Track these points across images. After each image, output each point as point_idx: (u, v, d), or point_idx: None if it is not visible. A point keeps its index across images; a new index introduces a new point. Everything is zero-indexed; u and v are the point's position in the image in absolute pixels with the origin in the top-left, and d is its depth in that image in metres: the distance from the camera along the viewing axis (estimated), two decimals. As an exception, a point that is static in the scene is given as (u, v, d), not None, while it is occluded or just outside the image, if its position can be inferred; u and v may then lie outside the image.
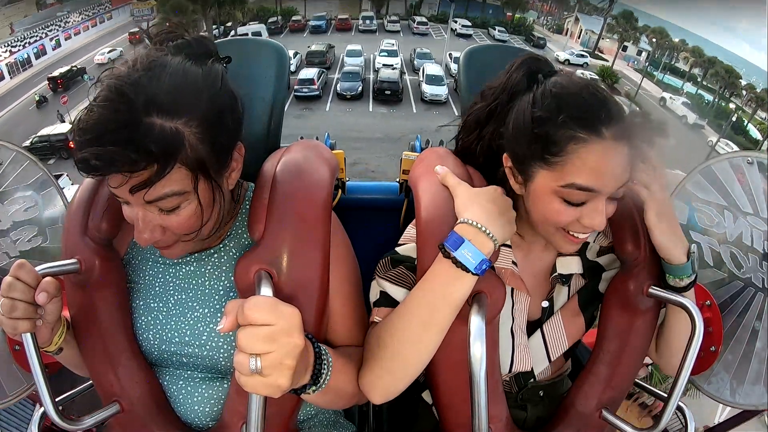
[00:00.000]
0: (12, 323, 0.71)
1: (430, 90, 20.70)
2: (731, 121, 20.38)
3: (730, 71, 21.94)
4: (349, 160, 1.34)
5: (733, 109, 21.21)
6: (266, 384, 0.61)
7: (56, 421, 0.80)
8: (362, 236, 1.07)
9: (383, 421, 1.27)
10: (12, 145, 1.08)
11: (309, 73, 20.95)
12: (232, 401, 0.84)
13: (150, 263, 0.90)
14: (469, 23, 31.74)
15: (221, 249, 0.89)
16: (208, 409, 0.88)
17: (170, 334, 0.88)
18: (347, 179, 1.37)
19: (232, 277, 0.83)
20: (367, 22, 30.80)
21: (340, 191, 1.35)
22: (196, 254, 0.89)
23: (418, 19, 32.05)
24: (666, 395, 0.85)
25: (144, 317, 0.88)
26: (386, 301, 0.89)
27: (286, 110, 1.18)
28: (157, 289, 0.89)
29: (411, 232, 0.92)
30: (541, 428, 0.98)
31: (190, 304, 0.88)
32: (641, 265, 0.88)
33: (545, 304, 0.96)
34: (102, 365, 0.85)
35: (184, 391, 0.89)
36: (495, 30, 31.28)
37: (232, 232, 0.90)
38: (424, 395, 1.09)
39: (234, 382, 0.84)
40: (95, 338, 0.85)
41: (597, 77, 23.38)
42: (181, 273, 0.89)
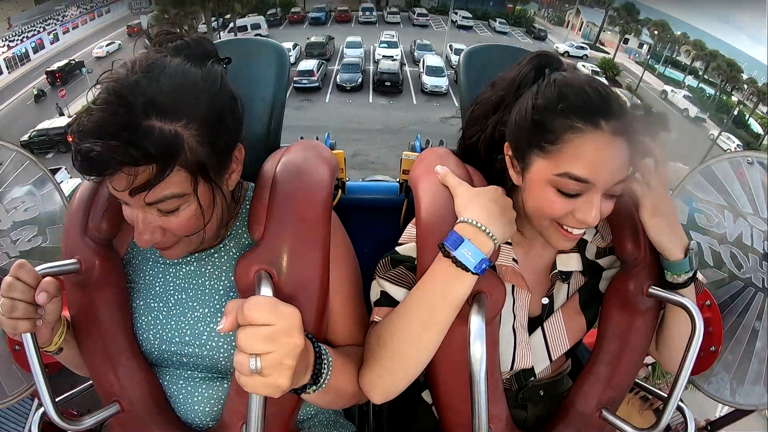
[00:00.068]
0: (12, 323, 0.71)
1: (430, 81, 20.60)
2: (733, 115, 20.30)
3: (731, 65, 21.83)
4: (349, 152, 1.34)
5: (735, 102, 21.11)
6: (266, 384, 0.61)
7: (56, 421, 0.80)
8: (362, 236, 1.07)
9: (383, 420, 1.27)
10: (12, 145, 1.08)
11: (308, 64, 20.80)
12: (232, 401, 0.84)
13: (150, 263, 0.90)
14: (470, 15, 31.54)
15: (221, 249, 0.89)
16: (208, 409, 0.89)
17: (170, 333, 0.88)
18: (347, 178, 1.37)
19: (233, 277, 0.83)
20: (367, 13, 30.60)
21: (340, 191, 1.34)
22: (196, 254, 0.89)
23: (418, 10, 31.82)
24: (666, 395, 0.85)
25: (144, 317, 0.88)
26: (386, 300, 0.89)
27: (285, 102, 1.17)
28: (158, 288, 0.89)
29: (411, 231, 0.92)
30: (541, 428, 0.98)
31: (190, 303, 0.88)
32: (641, 265, 0.88)
33: (545, 301, 0.96)
34: (102, 365, 0.86)
35: (184, 391, 0.89)
36: (496, 22, 31.08)
37: (232, 232, 0.90)
38: (424, 395, 1.09)
39: (234, 382, 0.85)
40: (95, 338, 0.85)
41: (598, 69, 23.28)
42: (181, 273, 0.89)
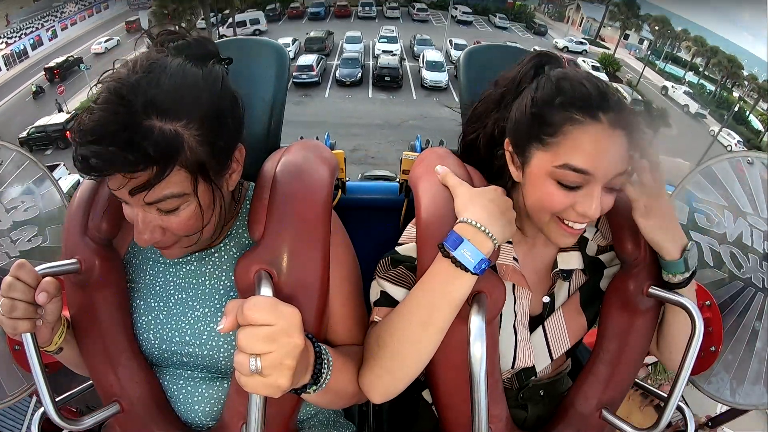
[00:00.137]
0: (12, 323, 0.72)
1: (430, 76, 20.41)
2: (733, 112, 20.23)
3: (732, 60, 21.70)
4: (348, 147, 1.34)
5: (736, 98, 21.02)
6: (266, 384, 0.62)
7: (56, 421, 0.80)
8: (362, 236, 1.07)
9: (383, 420, 1.27)
10: (12, 145, 1.08)
11: (308, 59, 20.59)
12: (232, 401, 0.84)
13: (150, 263, 0.90)
14: (470, 10, 31.10)
15: (221, 248, 0.89)
16: (208, 409, 0.89)
17: (170, 333, 0.88)
18: (347, 178, 1.37)
19: (233, 277, 0.83)
20: (367, 8, 30.15)
21: (340, 191, 1.34)
22: (196, 254, 0.89)
23: (418, 5, 31.37)
24: (667, 393, 0.86)
25: (144, 317, 0.88)
26: (386, 300, 0.89)
27: (284, 96, 1.16)
28: (158, 288, 0.89)
29: (411, 231, 0.92)
30: (541, 428, 0.98)
31: (190, 303, 0.88)
32: (641, 265, 0.88)
33: (546, 299, 0.96)
34: (102, 365, 0.86)
35: (184, 391, 0.89)
36: (496, 17, 30.68)
37: (233, 231, 0.90)
38: (425, 394, 1.09)
39: (234, 382, 0.85)
40: (95, 338, 0.85)
41: (598, 65, 23.19)
42: (181, 272, 0.89)
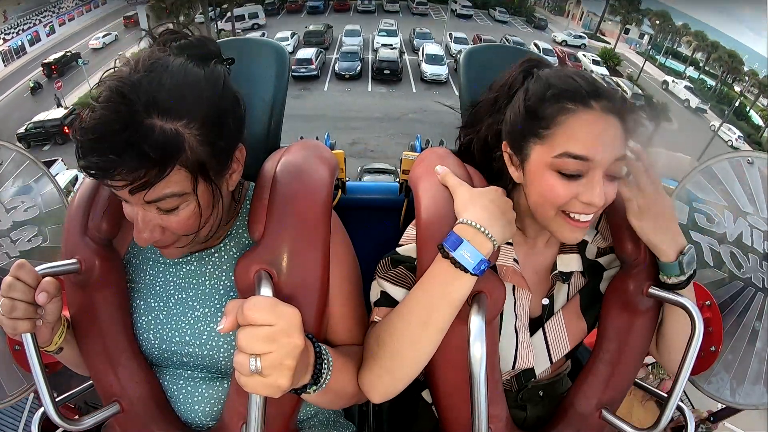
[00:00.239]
0: (12, 323, 0.71)
1: (430, 70, 20.23)
2: (734, 107, 20.12)
3: (733, 56, 21.46)
4: (348, 140, 1.33)
5: (738, 92, 20.89)
6: (266, 384, 0.61)
7: (56, 421, 0.80)
8: (362, 236, 1.07)
9: (383, 420, 1.27)
10: (12, 145, 1.09)
11: (307, 52, 20.41)
12: (232, 401, 0.84)
13: (150, 263, 0.90)
14: (470, 3, 30.35)
15: (221, 248, 0.89)
16: (208, 409, 0.88)
17: (170, 333, 0.88)
18: (347, 178, 1.37)
19: (233, 277, 0.83)
20: (366, 2, 29.42)
21: (340, 191, 1.34)
22: (196, 254, 0.89)
23: (417, -1, 31.37)
24: (667, 393, 0.85)
25: (144, 317, 0.88)
26: (386, 301, 0.89)
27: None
28: (158, 288, 0.89)
29: (411, 232, 0.92)
30: (540, 428, 0.98)
31: (190, 303, 0.88)
32: (641, 265, 0.88)
33: (545, 301, 0.96)
34: (102, 365, 0.86)
35: (184, 391, 0.89)
36: (495, 11, 29.92)
37: (233, 231, 0.90)
38: (424, 394, 1.09)
39: (234, 382, 0.84)
40: (95, 338, 0.85)
41: (599, 59, 23.20)
42: (181, 272, 0.89)
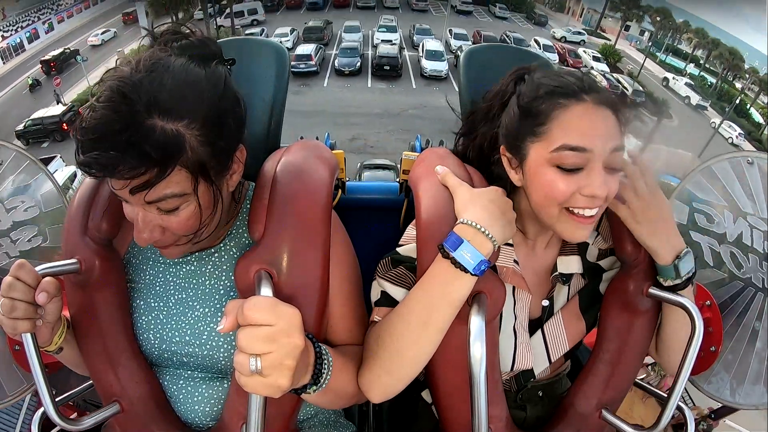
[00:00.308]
0: (12, 323, 0.71)
1: (430, 65, 20.08)
2: (735, 104, 20.06)
3: (734, 53, 21.31)
4: (347, 136, 1.33)
5: (738, 89, 20.80)
6: (266, 384, 0.61)
7: (56, 421, 0.80)
8: (362, 236, 1.07)
9: (383, 420, 1.27)
10: (12, 145, 1.09)
11: (306, 48, 20.26)
12: (232, 401, 0.84)
13: (150, 263, 0.90)
14: None
15: (221, 248, 0.89)
16: (208, 409, 0.88)
17: (170, 333, 0.88)
18: (347, 178, 1.37)
19: (233, 277, 0.83)
20: None
21: (340, 191, 1.34)
22: (196, 254, 0.89)
23: (418, -5, 31.09)
24: (666, 395, 0.85)
25: (144, 317, 0.88)
26: (387, 301, 0.89)
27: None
28: (158, 288, 0.89)
29: (412, 232, 0.92)
30: (540, 428, 0.98)
31: (190, 303, 0.88)
32: (641, 265, 0.88)
33: (545, 303, 0.96)
34: (102, 365, 0.86)
35: (184, 391, 0.89)
36: (495, 7, 29.52)
37: (233, 231, 0.90)
38: (424, 394, 1.09)
39: (234, 382, 0.84)
40: (95, 338, 0.85)
41: (599, 55, 23.18)
42: (181, 272, 0.89)
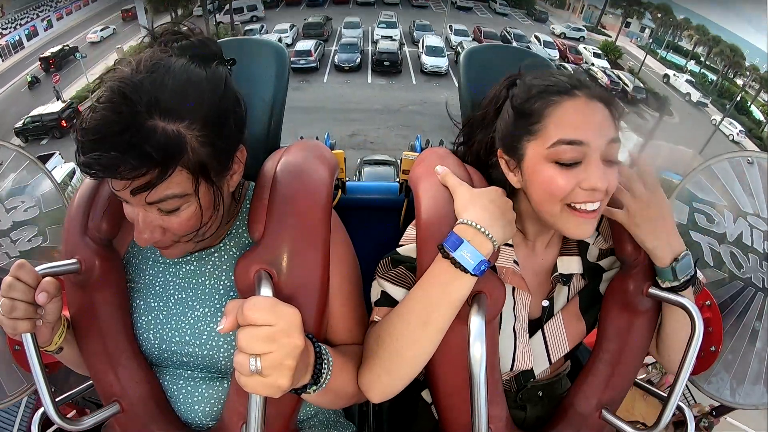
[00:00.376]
0: (12, 323, 0.71)
1: (430, 61, 19.98)
2: (736, 101, 20.00)
3: (734, 50, 21.25)
4: (347, 132, 1.33)
5: (740, 86, 20.75)
6: (266, 384, 0.61)
7: (56, 421, 0.79)
8: (362, 236, 1.07)
9: (383, 420, 1.27)
10: (12, 145, 1.09)
11: (306, 44, 20.23)
12: (232, 401, 0.84)
13: (150, 263, 0.90)
14: None
15: (221, 248, 0.89)
16: (208, 409, 0.88)
17: (170, 333, 0.88)
18: (347, 178, 1.37)
19: (233, 277, 0.83)
20: None
21: (340, 191, 1.34)
22: (196, 253, 0.89)
23: (417, -10, 30.95)
24: (666, 395, 0.85)
25: (144, 317, 0.88)
26: (387, 300, 0.89)
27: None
28: (158, 288, 0.89)
29: (412, 233, 0.92)
30: (540, 428, 0.98)
31: (190, 303, 0.88)
32: (641, 265, 0.88)
33: (545, 303, 0.96)
34: (102, 365, 0.86)
35: (184, 391, 0.89)
36: (496, 3, 29.27)
37: (233, 231, 0.90)
38: (424, 394, 1.09)
39: (234, 382, 0.84)
40: (95, 338, 0.85)
41: (599, 52, 23.14)
42: (181, 272, 0.89)
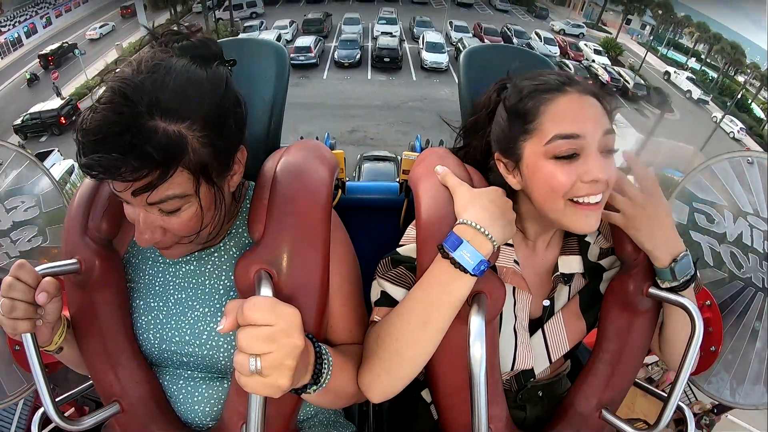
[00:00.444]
0: (12, 323, 0.71)
1: (430, 57, 19.96)
2: (736, 98, 19.98)
3: (735, 47, 21.20)
4: (347, 128, 1.33)
5: (741, 83, 20.71)
6: (266, 384, 0.61)
7: (56, 421, 0.79)
8: (362, 236, 1.07)
9: (383, 420, 1.27)
10: (12, 145, 1.09)
11: (306, 40, 20.15)
12: (232, 401, 0.84)
13: (150, 262, 0.90)
14: None
15: (221, 248, 0.89)
16: (208, 409, 0.88)
17: (170, 333, 0.88)
18: (346, 178, 1.37)
19: (233, 277, 0.83)
20: None
21: (340, 191, 1.34)
22: (196, 253, 0.89)
23: (418, -13, 30.87)
24: (666, 395, 0.85)
25: (144, 317, 0.88)
26: (387, 300, 0.89)
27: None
28: (157, 288, 0.89)
29: (411, 232, 0.92)
30: (540, 428, 0.98)
31: (190, 303, 0.88)
32: (641, 265, 0.88)
33: (546, 303, 0.96)
34: (102, 365, 0.86)
35: (184, 391, 0.89)
36: (496, 0, 30.40)
37: (233, 231, 0.90)
38: (424, 394, 1.09)
39: (234, 382, 0.84)
40: (95, 338, 0.85)
41: (600, 49, 23.12)
42: (181, 272, 0.89)
